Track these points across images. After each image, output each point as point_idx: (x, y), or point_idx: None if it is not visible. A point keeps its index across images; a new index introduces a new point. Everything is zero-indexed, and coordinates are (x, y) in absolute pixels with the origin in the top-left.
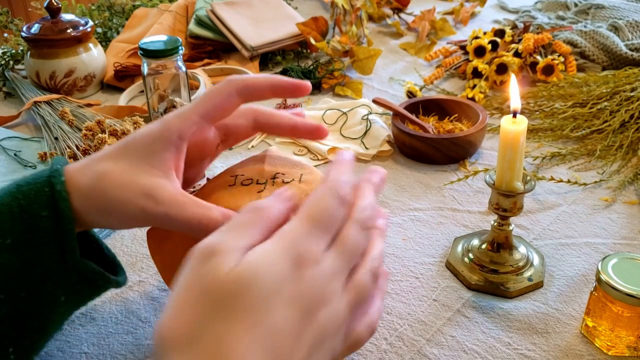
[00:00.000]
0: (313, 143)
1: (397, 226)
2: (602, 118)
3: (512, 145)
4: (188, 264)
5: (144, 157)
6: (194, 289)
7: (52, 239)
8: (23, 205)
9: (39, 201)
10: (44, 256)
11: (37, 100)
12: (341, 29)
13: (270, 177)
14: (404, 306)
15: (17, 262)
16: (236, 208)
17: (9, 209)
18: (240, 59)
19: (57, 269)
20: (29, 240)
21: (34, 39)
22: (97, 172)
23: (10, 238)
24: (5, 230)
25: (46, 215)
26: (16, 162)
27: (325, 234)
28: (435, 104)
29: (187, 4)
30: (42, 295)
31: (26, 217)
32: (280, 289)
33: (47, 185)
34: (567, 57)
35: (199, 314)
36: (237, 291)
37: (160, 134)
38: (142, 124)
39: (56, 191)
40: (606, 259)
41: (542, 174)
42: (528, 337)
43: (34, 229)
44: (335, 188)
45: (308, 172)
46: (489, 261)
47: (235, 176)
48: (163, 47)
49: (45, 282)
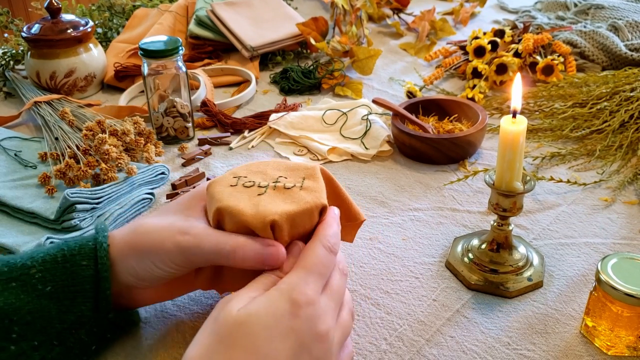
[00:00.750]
0: (313, 143)
1: (397, 226)
2: (602, 118)
3: (512, 146)
4: (214, 309)
5: (181, 209)
6: (210, 325)
7: (88, 286)
8: (67, 256)
9: (82, 252)
10: (79, 304)
11: (37, 100)
12: (341, 29)
13: (273, 180)
14: (403, 306)
15: (54, 308)
16: (234, 207)
17: (53, 259)
18: (240, 59)
19: (91, 318)
20: (67, 288)
21: (35, 39)
22: (137, 223)
23: (51, 285)
24: (47, 278)
25: (86, 264)
26: (16, 162)
27: (320, 280)
28: (435, 104)
29: (187, 4)
30: (75, 344)
31: (68, 266)
32: (278, 324)
33: (91, 240)
34: (567, 57)
35: (210, 344)
36: (241, 325)
37: (195, 193)
38: (142, 124)
39: (98, 242)
40: (606, 259)
41: (542, 174)
42: (527, 337)
43: (72, 277)
44: (325, 240)
45: (311, 179)
46: (489, 261)
47: (238, 177)
48: (163, 47)
49: (79, 331)
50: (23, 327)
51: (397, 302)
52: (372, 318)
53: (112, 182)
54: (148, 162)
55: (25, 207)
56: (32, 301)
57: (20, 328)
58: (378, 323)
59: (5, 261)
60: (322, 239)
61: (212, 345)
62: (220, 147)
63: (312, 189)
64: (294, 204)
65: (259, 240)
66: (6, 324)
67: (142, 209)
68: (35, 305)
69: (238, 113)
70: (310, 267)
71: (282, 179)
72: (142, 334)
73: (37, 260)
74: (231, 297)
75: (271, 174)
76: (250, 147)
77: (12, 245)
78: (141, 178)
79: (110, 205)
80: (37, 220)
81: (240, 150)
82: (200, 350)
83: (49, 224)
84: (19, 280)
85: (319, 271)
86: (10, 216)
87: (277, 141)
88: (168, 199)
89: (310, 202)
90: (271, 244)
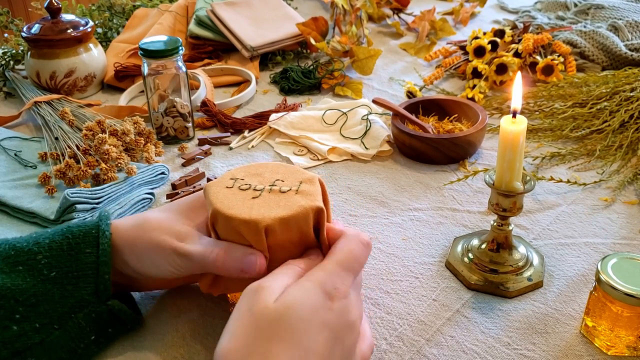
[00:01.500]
0: (313, 143)
1: (397, 226)
2: (602, 118)
3: (512, 146)
4: (241, 299)
5: (184, 210)
6: (246, 317)
7: (89, 272)
8: (72, 243)
9: (86, 241)
10: (80, 288)
11: (37, 100)
12: (341, 29)
13: (269, 183)
14: (403, 306)
15: (57, 292)
16: (227, 212)
17: (59, 246)
18: (240, 59)
19: (90, 302)
20: (70, 274)
21: (35, 39)
22: (141, 217)
23: (56, 271)
24: (53, 264)
25: (89, 252)
26: (16, 162)
27: (352, 274)
28: (435, 104)
29: (187, 4)
30: (73, 328)
31: (73, 253)
32: (314, 317)
33: (94, 228)
34: (567, 57)
35: (249, 337)
36: (280, 317)
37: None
38: (142, 124)
39: (100, 230)
40: (606, 259)
41: (542, 174)
42: (527, 337)
43: (76, 263)
44: (363, 236)
45: (309, 183)
46: (489, 261)
47: (235, 179)
48: (163, 47)
49: (77, 314)
50: (27, 308)
51: (397, 302)
52: (372, 318)
53: (112, 182)
54: (148, 162)
55: (25, 207)
56: (38, 284)
57: (24, 309)
58: (378, 323)
59: (12, 244)
60: (360, 234)
61: (251, 338)
62: (220, 147)
63: (308, 192)
64: (288, 208)
65: (240, 249)
66: (12, 304)
67: (142, 209)
68: (40, 289)
69: (238, 113)
70: (346, 263)
71: (278, 182)
72: (142, 334)
73: (44, 247)
74: (260, 287)
75: (268, 177)
76: (250, 147)
77: None
78: (141, 178)
79: (110, 205)
80: (37, 220)
81: (240, 150)
82: (238, 342)
83: (48, 224)
84: (26, 265)
85: (353, 267)
86: (10, 216)
87: (277, 141)
88: (168, 199)
89: (304, 206)
90: (250, 253)
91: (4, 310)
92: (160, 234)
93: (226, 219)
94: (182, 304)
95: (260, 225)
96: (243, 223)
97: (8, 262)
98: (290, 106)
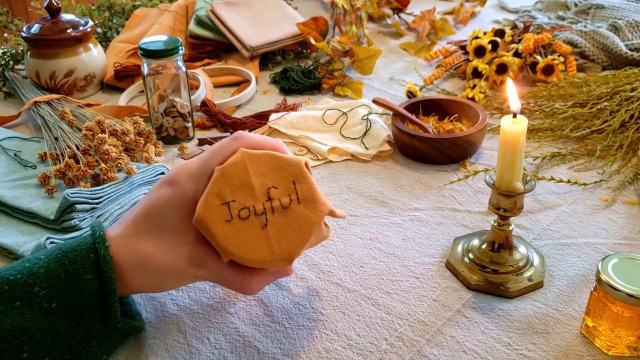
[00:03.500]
0: (313, 143)
1: (397, 226)
2: (602, 118)
3: (512, 146)
4: None
5: (174, 226)
6: None
7: (94, 300)
8: (69, 270)
9: (85, 266)
10: (87, 318)
11: (37, 100)
12: (341, 29)
13: (265, 198)
14: (404, 306)
15: (62, 324)
16: (249, 255)
17: (56, 274)
18: (240, 59)
19: (101, 330)
20: (74, 303)
21: (34, 39)
22: (141, 254)
23: (56, 302)
24: (52, 295)
25: (90, 278)
26: (16, 162)
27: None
28: (435, 104)
29: (187, 4)
30: (87, 356)
31: (72, 280)
32: None
33: (92, 251)
34: (567, 57)
35: None
36: None
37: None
38: (142, 124)
39: (100, 255)
40: (606, 259)
41: (542, 174)
42: (528, 337)
43: (78, 292)
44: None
45: (301, 180)
46: (489, 261)
47: (227, 204)
48: (163, 47)
49: (90, 344)
50: (33, 346)
51: (397, 302)
52: (372, 318)
53: (111, 182)
54: (148, 162)
55: (24, 207)
56: (40, 320)
57: (30, 347)
58: (378, 323)
59: (5, 278)
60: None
61: None
62: None
63: (309, 198)
64: (303, 230)
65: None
66: (16, 345)
67: None
68: (43, 324)
69: (238, 113)
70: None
71: (273, 192)
72: (143, 334)
73: (39, 277)
74: None
75: (258, 186)
76: None
77: (12, 245)
78: (141, 178)
79: (110, 205)
80: (37, 220)
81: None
82: None
83: (48, 224)
84: (23, 299)
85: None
86: (10, 216)
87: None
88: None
89: (316, 221)
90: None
91: (10, 353)
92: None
93: (252, 262)
94: (183, 303)
95: (290, 262)
96: (271, 263)
97: (4, 299)
98: (290, 106)
